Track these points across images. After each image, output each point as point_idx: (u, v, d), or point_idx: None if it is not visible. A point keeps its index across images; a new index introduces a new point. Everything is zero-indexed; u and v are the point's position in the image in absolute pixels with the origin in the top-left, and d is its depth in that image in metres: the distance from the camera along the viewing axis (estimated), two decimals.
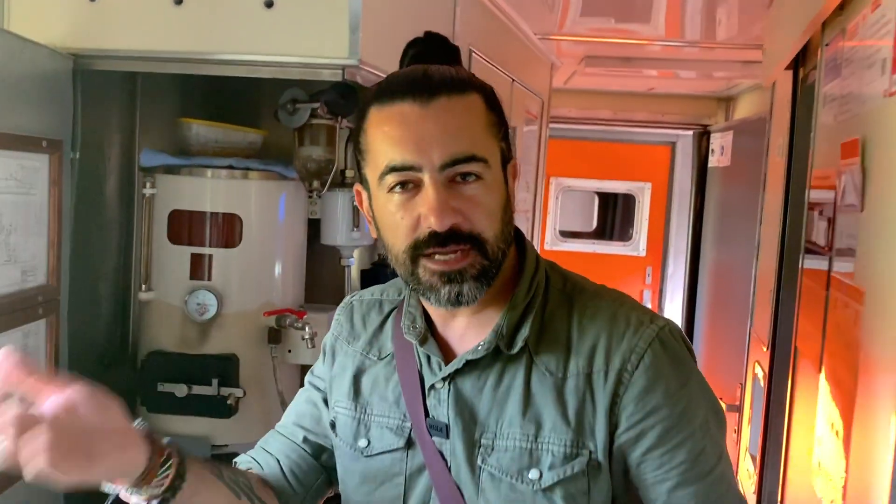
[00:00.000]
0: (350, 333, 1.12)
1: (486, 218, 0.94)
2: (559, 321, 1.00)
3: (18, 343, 1.52)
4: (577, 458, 0.95)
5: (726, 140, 4.32)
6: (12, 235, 1.47)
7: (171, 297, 1.94)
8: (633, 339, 0.96)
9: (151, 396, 1.91)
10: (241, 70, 1.76)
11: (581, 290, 1.02)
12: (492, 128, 0.96)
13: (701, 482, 0.96)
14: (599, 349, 0.97)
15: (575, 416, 0.95)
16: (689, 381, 0.97)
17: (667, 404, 0.95)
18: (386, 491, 1.04)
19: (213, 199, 1.94)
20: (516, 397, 0.97)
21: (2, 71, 1.42)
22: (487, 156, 0.94)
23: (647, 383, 0.94)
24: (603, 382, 0.95)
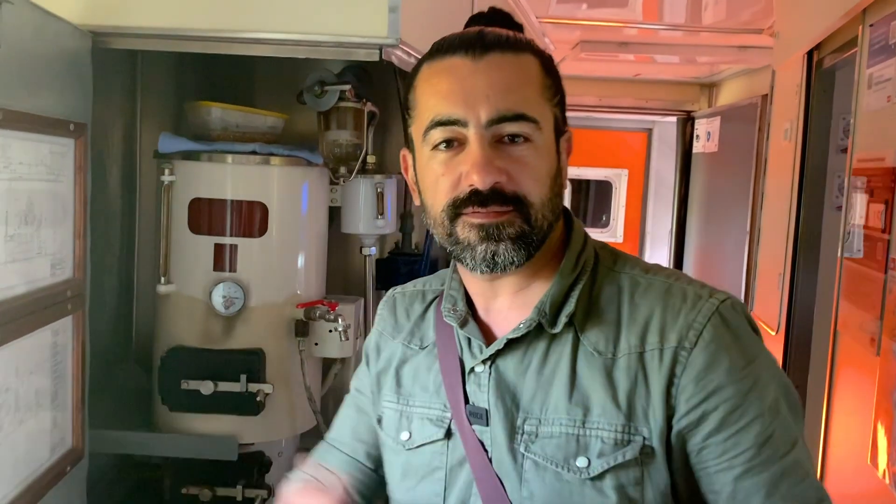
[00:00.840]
0: (394, 327, 1.07)
1: (532, 180, 0.88)
2: (608, 298, 0.94)
3: (48, 342, 1.42)
4: (628, 445, 0.87)
5: (713, 126, 4.34)
6: (42, 226, 1.37)
7: (193, 289, 1.84)
8: (690, 314, 0.88)
9: (174, 394, 1.82)
10: (269, 49, 1.66)
11: (633, 266, 0.96)
12: (546, 91, 0.91)
13: (769, 471, 0.87)
14: (653, 326, 0.90)
15: (626, 398, 0.88)
16: (756, 358, 0.89)
17: (730, 384, 0.86)
18: (427, 486, 0.98)
19: (236, 187, 1.85)
20: (562, 380, 0.91)
21: (27, 47, 1.31)
22: (538, 117, 0.89)
23: (707, 361, 0.86)
24: (658, 362, 0.88)
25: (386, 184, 2.06)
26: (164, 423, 1.89)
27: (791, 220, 2.56)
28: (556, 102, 0.92)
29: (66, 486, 1.50)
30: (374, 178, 2.04)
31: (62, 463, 1.48)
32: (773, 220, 2.91)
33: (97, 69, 1.67)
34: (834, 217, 2.42)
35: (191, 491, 1.87)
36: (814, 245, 2.44)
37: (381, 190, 2.03)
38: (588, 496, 0.88)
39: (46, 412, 1.42)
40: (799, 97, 2.54)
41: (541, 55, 0.93)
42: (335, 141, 1.93)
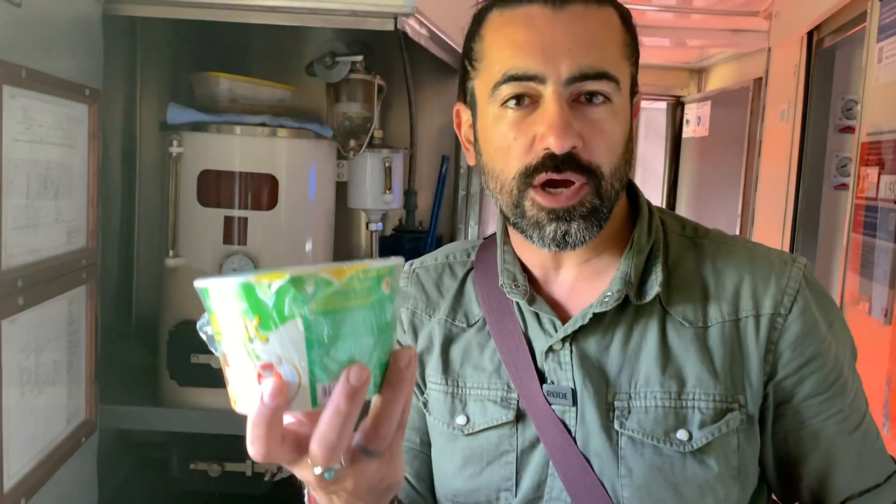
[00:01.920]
0: (427, 304, 0.99)
1: (607, 148, 0.83)
2: (687, 266, 0.90)
3: (64, 311, 1.39)
4: (729, 413, 0.85)
5: (703, 110, 4.37)
6: (59, 192, 1.34)
7: (202, 263, 1.82)
8: (782, 280, 0.87)
9: (182, 369, 1.80)
10: (283, 18, 1.65)
11: (704, 233, 0.93)
12: (626, 48, 0.85)
13: (858, 428, 0.89)
14: (745, 292, 0.87)
15: (723, 367, 0.86)
16: (835, 321, 0.89)
17: (823, 350, 0.87)
18: (494, 471, 0.91)
19: (246, 159, 1.82)
20: (651, 352, 0.87)
21: (44, 9, 1.28)
22: (620, 76, 0.82)
23: (802, 328, 0.86)
24: (754, 329, 0.86)
25: (393, 159, 2.05)
26: (171, 398, 1.87)
27: (789, 200, 2.58)
28: (634, 61, 0.87)
29: (81, 457, 1.48)
30: (382, 153, 2.02)
31: (77, 434, 1.46)
32: (768, 200, 2.94)
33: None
34: (832, 195, 2.45)
35: (199, 466, 1.86)
36: (812, 223, 2.47)
37: (388, 165, 2.01)
38: (690, 468, 0.85)
39: (63, 383, 1.40)
40: (797, 78, 2.56)
41: (621, 9, 0.87)
42: (345, 113, 1.91)
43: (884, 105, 1.70)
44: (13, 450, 1.19)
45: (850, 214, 1.83)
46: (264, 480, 1.86)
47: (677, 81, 4.84)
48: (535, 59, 0.81)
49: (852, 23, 2.09)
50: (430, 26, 1.73)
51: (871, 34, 1.78)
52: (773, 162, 2.90)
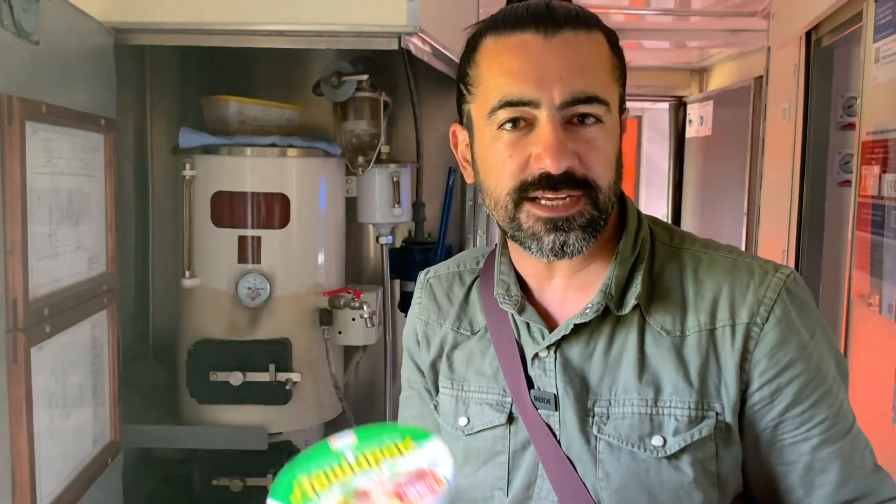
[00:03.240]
0: (438, 314, 1.05)
1: (601, 164, 0.86)
2: (670, 276, 0.92)
3: (87, 336, 1.43)
4: (703, 421, 0.88)
5: (706, 110, 4.39)
6: (80, 221, 1.38)
7: (218, 282, 1.86)
8: (759, 290, 0.88)
9: (202, 387, 1.84)
10: (289, 41, 1.69)
11: (691, 243, 0.95)
12: (614, 71, 0.89)
13: (844, 438, 0.89)
14: (722, 302, 0.89)
15: (698, 376, 0.88)
16: (817, 331, 0.90)
17: (801, 358, 0.87)
18: (489, 471, 0.97)
19: (257, 179, 1.86)
20: (630, 361, 0.90)
21: (60, 44, 1.33)
22: (609, 99, 0.86)
23: (779, 337, 0.87)
24: (730, 338, 0.88)
25: (401, 173, 2.08)
26: (191, 416, 1.91)
27: (794, 198, 2.60)
28: (622, 82, 0.91)
29: (107, 477, 1.52)
30: (390, 168, 2.06)
31: (104, 455, 1.50)
32: (773, 198, 2.96)
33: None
34: (836, 192, 2.47)
35: (221, 482, 1.89)
36: (817, 220, 2.49)
37: (396, 179, 2.05)
38: (665, 474, 0.88)
39: (88, 405, 1.44)
40: (797, 77, 2.59)
41: (608, 33, 0.90)
42: (352, 131, 1.95)
43: (883, 104, 1.73)
44: (45, 472, 1.22)
45: (854, 213, 1.85)
46: None
47: (679, 82, 4.86)
48: (529, 85, 0.84)
49: (849, 22, 2.12)
50: (432, 43, 1.77)
51: (868, 35, 1.80)
52: (776, 160, 2.92)
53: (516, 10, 0.89)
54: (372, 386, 2.31)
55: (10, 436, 1.13)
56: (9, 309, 1.12)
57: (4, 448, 1.12)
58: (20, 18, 1.15)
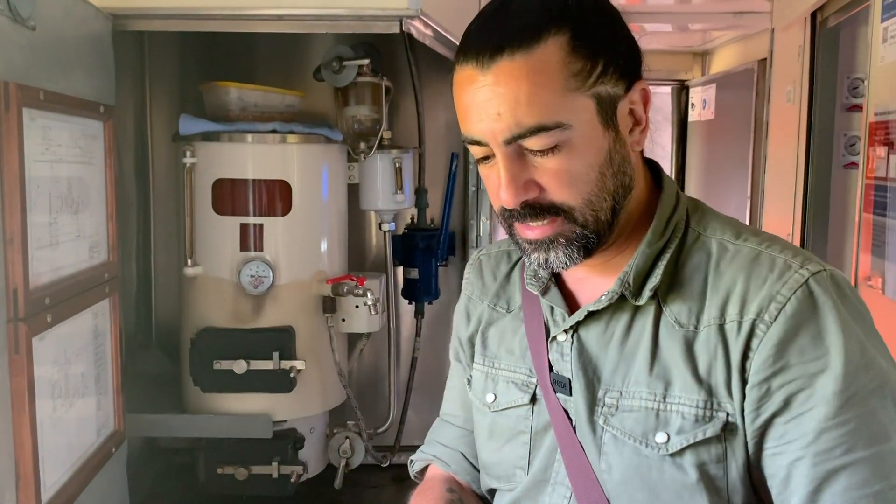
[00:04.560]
0: (481, 290, 1.07)
1: (568, 187, 0.82)
2: (695, 267, 0.87)
3: (89, 325, 1.42)
4: (710, 422, 0.82)
5: (708, 94, 4.36)
6: (80, 209, 1.37)
7: (220, 270, 1.85)
8: (775, 285, 0.81)
9: (206, 375, 1.83)
10: (289, 26, 1.67)
11: (723, 230, 0.89)
12: (573, 79, 0.80)
13: (826, 464, 0.78)
14: (734, 296, 0.83)
15: (707, 373, 0.83)
16: (841, 340, 0.79)
17: (798, 363, 0.79)
18: (512, 449, 0.97)
19: (258, 166, 1.85)
20: (644, 352, 0.87)
21: (58, 30, 1.31)
22: (565, 118, 0.80)
23: (781, 338, 0.80)
24: (736, 335, 0.82)
25: (403, 158, 2.06)
26: (195, 405, 1.90)
27: (799, 180, 2.58)
28: (597, 78, 0.82)
29: (111, 466, 1.51)
30: (392, 154, 2.04)
31: (108, 444, 1.49)
32: (777, 182, 2.94)
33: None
34: (842, 174, 2.45)
35: (226, 470, 1.89)
36: (822, 203, 2.48)
37: (398, 165, 2.03)
38: (667, 472, 0.84)
39: (91, 395, 1.43)
40: (802, 59, 2.56)
41: (567, 27, 0.81)
42: (354, 116, 1.93)
43: (890, 85, 1.71)
44: (49, 462, 1.21)
45: (861, 194, 1.83)
46: (290, 482, 1.88)
47: (682, 65, 4.82)
48: (473, 125, 0.83)
49: (856, 2, 2.09)
50: (434, 26, 1.75)
51: (876, 14, 1.78)
52: (780, 143, 2.90)
53: (471, 27, 0.85)
54: (376, 373, 2.30)
55: (13, 426, 1.12)
56: (9, 298, 1.11)
57: (7, 438, 1.12)
58: (16, 4, 1.13)
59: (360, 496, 2.08)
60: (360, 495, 2.08)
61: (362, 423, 2.00)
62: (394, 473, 2.19)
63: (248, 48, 2.18)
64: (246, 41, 2.14)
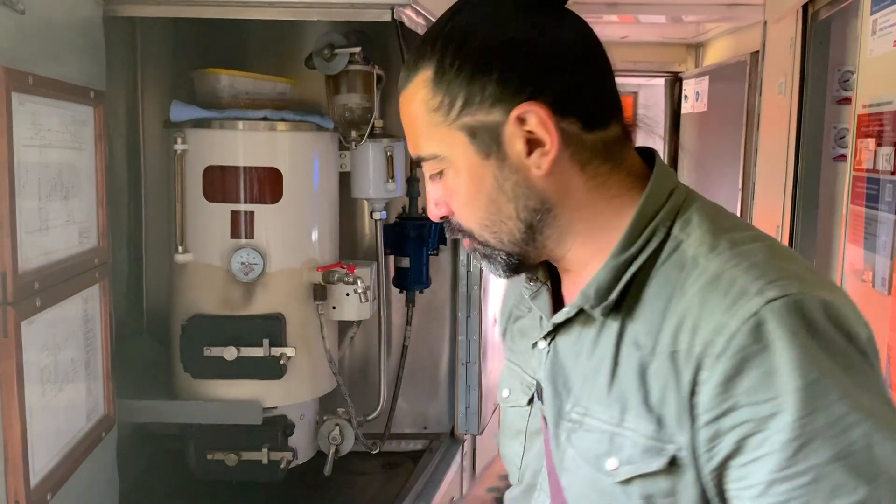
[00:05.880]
0: (513, 286, 1.07)
1: (461, 210, 0.87)
2: (665, 282, 0.80)
3: (79, 310, 1.43)
4: (658, 454, 0.77)
5: (701, 86, 4.37)
6: (70, 194, 1.37)
7: (211, 257, 1.85)
8: (725, 315, 0.73)
9: (197, 362, 1.83)
10: (281, 13, 1.67)
11: (703, 240, 0.80)
12: (434, 114, 0.83)
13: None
14: (688, 322, 0.76)
15: (659, 403, 0.77)
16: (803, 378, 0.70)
17: (747, 405, 0.72)
18: (513, 447, 0.99)
19: (249, 153, 1.85)
20: (605, 371, 0.82)
21: (46, 14, 1.30)
22: (437, 150, 0.84)
23: (729, 373, 0.72)
24: (685, 365, 0.76)
25: (395, 147, 2.06)
26: (186, 391, 1.91)
27: (788, 173, 2.60)
28: (460, 111, 0.82)
29: (101, 451, 1.52)
30: (383, 142, 2.04)
31: (97, 429, 1.50)
32: (768, 173, 2.96)
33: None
34: (831, 167, 2.47)
35: (216, 456, 1.89)
36: (812, 195, 2.49)
37: (390, 154, 2.03)
38: (618, 499, 0.80)
39: (81, 380, 1.44)
40: (793, 51, 2.57)
41: (430, 64, 0.83)
42: (345, 105, 1.93)
43: (879, 77, 1.72)
44: (37, 447, 1.22)
45: (849, 187, 1.85)
46: (280, 468, 1.89)
47: (675, 57, 4.84)
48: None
49: None
50: (426, 15, 1.75)
51: (865, 6, 1.79)
52: (771, 135, 2.91)
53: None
54: (366, 361, 2.31)
55: (1, 410, 1.13)
56: None
57: None
58: None
59: (350, 483, 2.09)
60: (349, 482, 2.09)
61: (352, 411, 2.01)
62: (383, 460, 2.20)
63: (239, 35, 2.18)
64: (238, 28, 2.13)
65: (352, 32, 1.98)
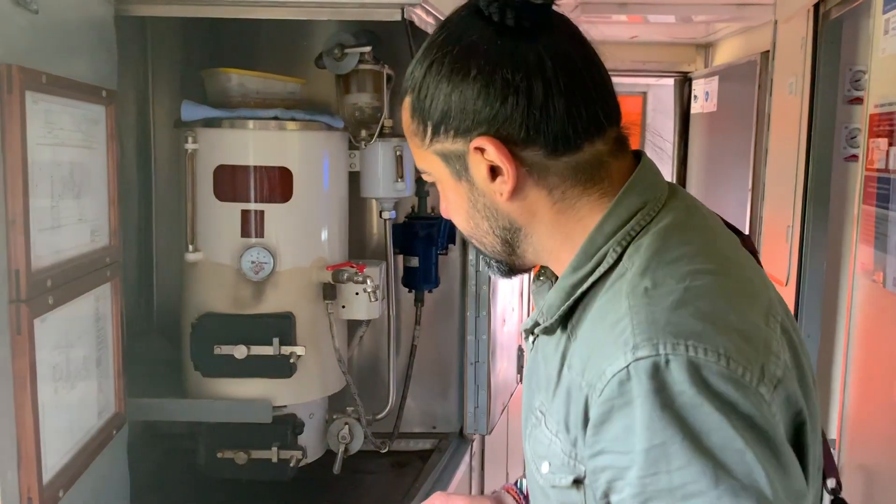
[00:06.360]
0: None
1: (452, 217, 0.94)
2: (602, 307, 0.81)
3: (91, 308, 1.43)
4: (569, 472, 0.82)
5: (711, 86, 4.36)
6: (82, 193, 1.38)
7: (221, 256, 1.86)
8: (604, 362, 0.76)
9: (207, 360, 1.84)
10: (291, 12, 1.68)
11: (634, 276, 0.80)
12: (415, 137, 0.90)
13: None
14: (592, 359, 0.78)
15: (573, 425, 0.81)
16: (648, 441, 0.72)
17: (613, 451, 0.76)
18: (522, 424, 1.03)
19: (260, 153, 1.85)
20: (553, 379, 0.85)
21: (59, 14, 1.31)
22: (425, 167, 0.91)
23: (601, 418, 0.76)
24: (584, 396, 0.79)
25: (404, 147, 2.07)
26: (196, 390, 1.91)
27: (799, 173, 2.59)
28: (431, 137, 0.87)
29: (112, 449, 1.53)
30: (393, 142, 2.04)
31: (108, 427, 1.50)
32: (778, 173, 2.95)
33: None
34: (843, 167, 2.46)
35: (226, 455, 1.90)
36: (823, 195, 2.48)
37: (399, 153, 2.03)
38: (544, 496, 0.88)
39: (93, 378, 1.44)
40: (804, 50, 2.56)
41: (411, 91, 0.87)
42: (355, 104, 1.93)
43: (891, 76, 1.71)
44: (50, 444, 1.23)
45: (861, 186, 1.84)
46: (290, 466, 1.90)
47: (684, 57, 4.83)
48: None
49: None
50: (436, 14, 1.75)
51: (877, 6, 1.78)
52: (782, 135, 2.90)
53: None
54: (375, 359, 2.32)
55: (15, 407, 1.13)
56: (11, 280, 1.11)
57: (9, 419, 1.13)
58: None
59: (359, 482, 2.10)
60: (358, 480, 2.10)
61: (361, 410, 2.01)
62: (392, 460, 2.20)
63: (249, 34, 2.19)
64: (248, 27, 2.14)
65: (361, 32, 1.98)
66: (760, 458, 0.71)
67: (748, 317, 0.78)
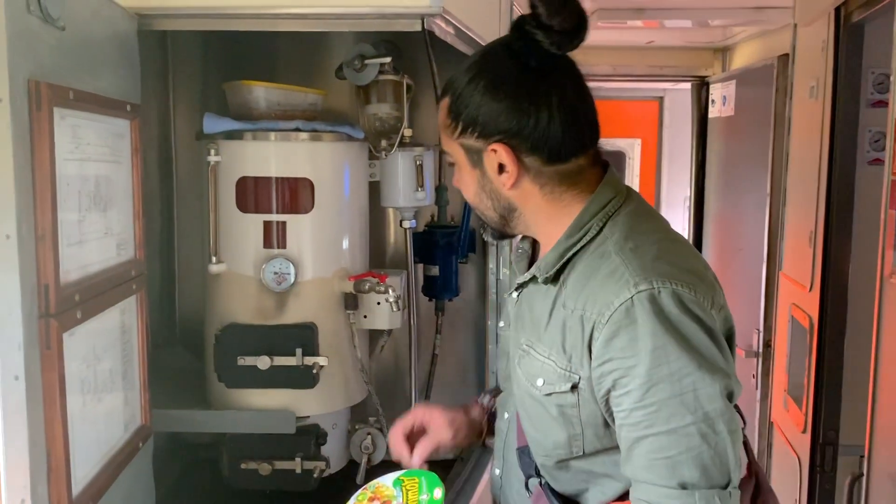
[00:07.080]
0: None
1: (463, 192, 1.27)
2: (590, 264, 1.15)
3: (117, 321, 1.44)
4: (566, 380, 1.15)
5: (728, 90, 4.32)
6: (108, 207, 1.39)
7: (244, 267, 1.87)
8: (610, 296, 1.09)
9: (230, 371, 1.85)
10: (312, 24, 1.67)
11: (618, 241, 1.15)
12: (447, 129, 1.21)
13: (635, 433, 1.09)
14: (592, 296, 1.11)
15: (571, 346, 1.14)
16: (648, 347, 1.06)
17: (618, 357, 1.08)
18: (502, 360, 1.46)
19: (282, 164, 1.86)
20: (544, 318, 1.19)
21: (86, 30, 1.32)
22: (449, 151, 1.24)
23: (608, 336, 1.09)
24: (587, 325, 1.11)
25: (424, 156, 2.07)
26: (219, 401, 1.92)
27: (822, 178, 2.56)
28: (459, 133, 1.19)
29: (139, 461, 1.53)
30: (413, 151, 2.05)
31: (135, 439, 1.51)
32: (800, 178, 2.92)
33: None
34: (866, 171, 2.43)
35: (249, 465, 1.90)
36: (847, 200, 2.45)
37: (419, 162, 2.04)
38: (541, 405, 1.19)
39: (119, 390, 1.45)
40: (825, 54, 2.54)
41: (450, 95, 1.19)
42: (375, 115, 1.94)
43: None
44: (79, 457, 1.23)
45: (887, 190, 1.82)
46: (313, 477, 1.90)
47: (701, 62, 4.79)
48: None
49: None
50: (456, 24, 1.75)
51: None
52: (804, 139, 2.87)
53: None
54: (397, 369, 2.31)
55: (45, 420, 1.14)
56: (41, 294, 1.12)
57: (40, 432, 1.13)
58: (46, 4, 1.15)
59: None
60: None
61: (384, 420, 2.01)
62: None
63: (270, 47, 2.20)
64: (268, 40, 2.15)
65: (381, 42, 1.99)
66: (719, 351, 1.09)
67: (698, 266, 1.15)
